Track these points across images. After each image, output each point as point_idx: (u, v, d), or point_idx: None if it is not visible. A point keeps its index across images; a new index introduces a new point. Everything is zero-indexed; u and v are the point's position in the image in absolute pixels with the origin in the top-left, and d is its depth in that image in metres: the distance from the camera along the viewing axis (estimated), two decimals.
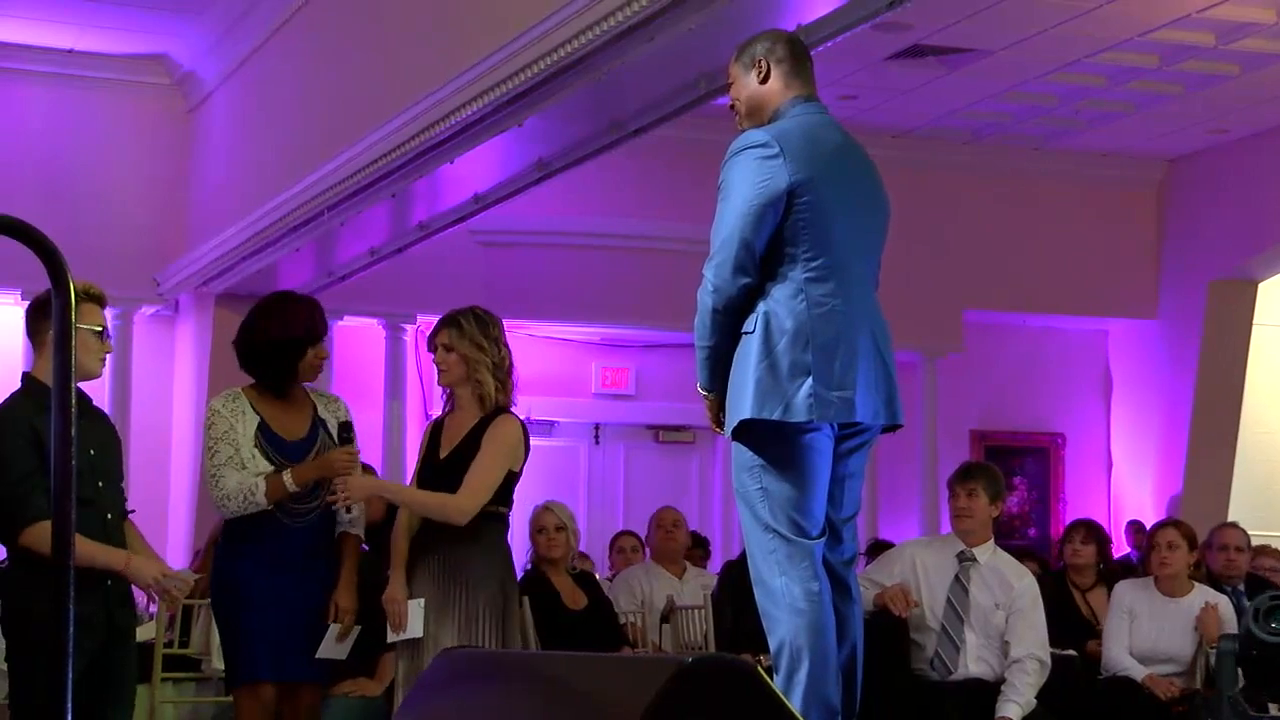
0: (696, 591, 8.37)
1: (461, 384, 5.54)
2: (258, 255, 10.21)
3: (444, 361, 5.54)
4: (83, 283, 5.09)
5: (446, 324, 5.55)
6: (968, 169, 12.69)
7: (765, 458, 4.12)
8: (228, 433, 5.40)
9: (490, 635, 5.35)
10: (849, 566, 4.31)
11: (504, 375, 5.55)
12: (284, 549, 5.37)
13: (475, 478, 5.40)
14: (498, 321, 5.60)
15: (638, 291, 11.87)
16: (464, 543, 5.40)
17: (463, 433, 5.51)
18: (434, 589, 5.40)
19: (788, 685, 4.06)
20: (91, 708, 4.95)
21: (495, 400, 5.51)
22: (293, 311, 5.51)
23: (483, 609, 5.37)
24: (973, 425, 13.34)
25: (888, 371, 4.24)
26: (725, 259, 4.12)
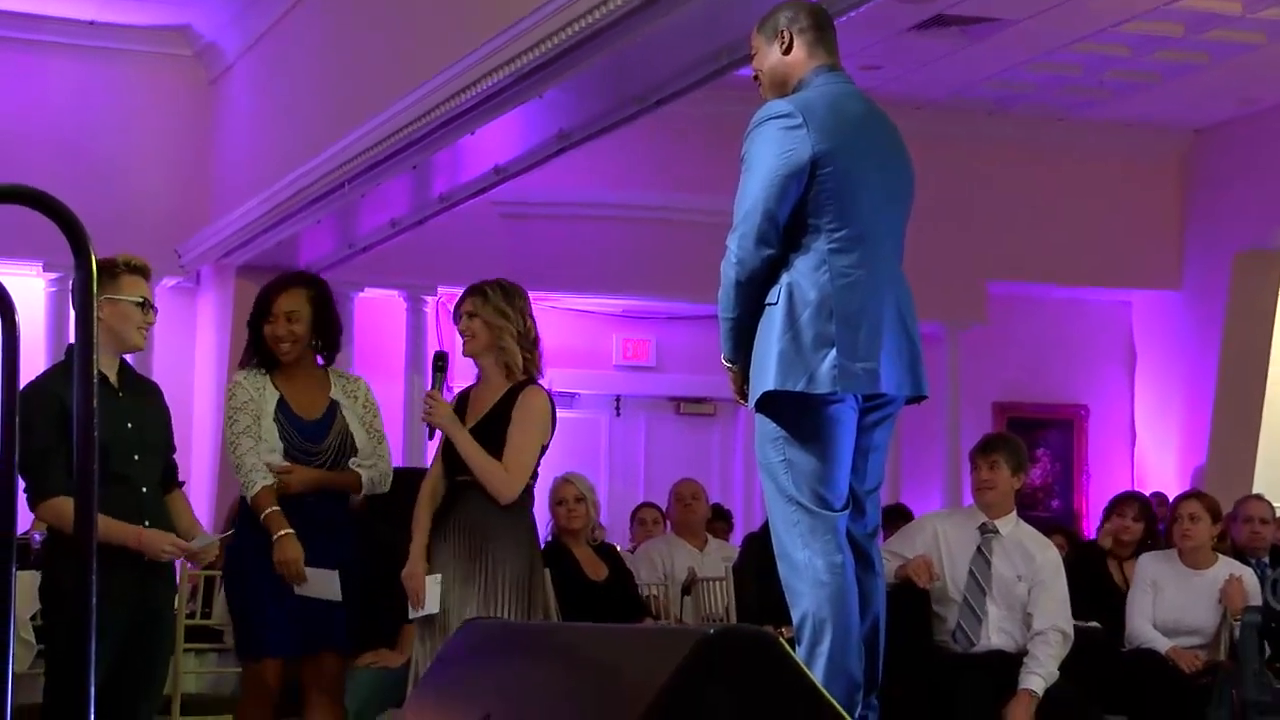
0: (718, 563, 8.38)
1: (486, 353, 5.53)
2: (279, 227, 10.22)
3: (468, 329, 5.53)
4: (124, 255, 5.12)
5: (471, 292, 5.56)
6: (991, 140, 12.64)
7: (788, 429, 4.12)
8: (248, 402, 5.46)
9: (515, 610, 5.34)
10: (872, 539, 4.31)
11: (530, 345, 5.54)
12: (291, 520, 5.38)
13: (515, 457, 5.38)
14: (524, 294, 5.60)
15: (659, 263, 11.86)
16: (490, 516, 5.39)
17: (490, 403, 5.49)
18: (458, 562, 5.39)
19: (810, 657, 4.06)
20: (123, 684, 4.95)
21: (524, 370, 5.50)
22: (260, 290, 5.65)
23: (508, 584, 5.36)
24: (995, 397, 13.31)
25: (912, 342, 4.23)
26: (748, 230, 4.11)
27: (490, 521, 5.39)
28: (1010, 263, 12.79)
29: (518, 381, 5.50)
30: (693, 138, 11.47)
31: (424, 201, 9.60)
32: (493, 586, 5.35)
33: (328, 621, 5.44)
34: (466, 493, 5.45)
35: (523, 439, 5.41)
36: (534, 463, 5.44)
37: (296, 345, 5.53)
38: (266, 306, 5.56)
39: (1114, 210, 12.98)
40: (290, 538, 5.35)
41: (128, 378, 5.23)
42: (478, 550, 5.38)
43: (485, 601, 5.34)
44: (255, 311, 5.62)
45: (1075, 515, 13.25)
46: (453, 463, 5.51)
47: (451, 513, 5.46)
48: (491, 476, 5.38)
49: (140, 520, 5.06)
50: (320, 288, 5.69)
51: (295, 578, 5.36)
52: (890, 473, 10.71)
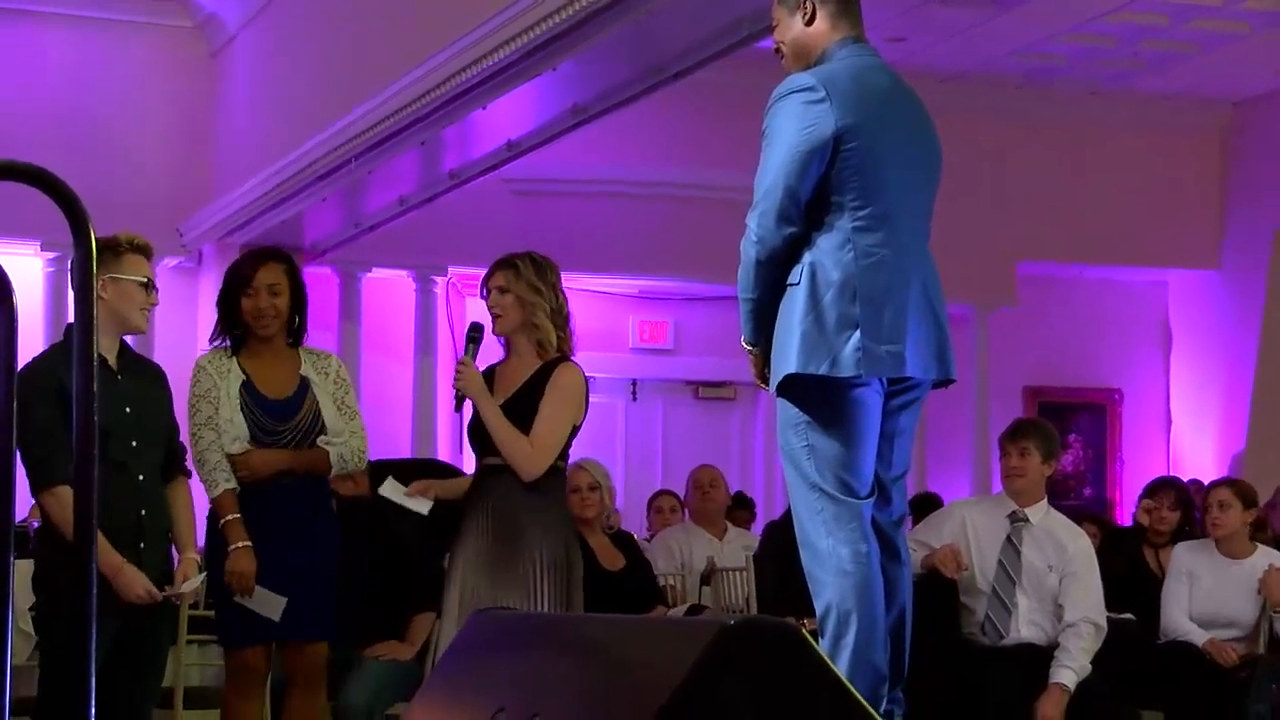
0: (738, 552, 8.38)
1: (519, 331, 5.49)
2: (283, 205, 10.23)
3: (498, 305, 5.47)
4: (127, 233, 5.12)
5: (501, 266, 5.50)
6: (1022, 114, 12.61)
7: (811, 414, 4.12)
8: (209, 391, 5.44)
9: (554, 594, 5.32)
10: (898, 527, 4.31)
11: (563, 322, 5.52)
12: (272, 515, 5.40)
13: (543, 432, 5.34)
14: (555, 268, 5.57)
15: (677, 242, 11.86)
16: (522, 499, 5.35)
17: (520, 380, 5.45)
18: (491, 550, 5.35)
19: (834, 649, 4.06)
20: (120, 675, 4.96)
21: (556, 347, 5.49)
22: (231, 265, 5.65)
23: (545, 568, 5.32)
24: (1026, 381, 13.30)
25: (939, 325, 4.22)
26: (769, 208, 4.11)
27: (523, 505, 5.36)
28: (1041, 242, 12.78)
29: (550, 358, 5.48)
30: (712, 112, 11.46)
31: (433, 178, 9.61)
32: (530, 572, 5.32)
33: (312, 610, 5.46)
34: (495, 476, 5.41)
35: (553, 415, 5.37)
36: (563, 441, 5.41)
37: (278, 319, 5.51)
38: (245, 279, 5.52)
39: (1149, 187, 12.96)
40: (246, 551, 5.35)
41: (128, 360, 5.23)
42: (512, 535, 5.34)
43: (523, 588, 5.30)
44: (230, 285, 5.56)
45: (1108, 504, 13.24)
46: (480, 443, 5.49)
47: (480, 498, 5.42)
48: (516, 451, 5.35)
49: (137, 509, 5.06)
50: (294, 263, 5.69)
51: (243, 590, 5.37)
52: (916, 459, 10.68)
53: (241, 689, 5.51)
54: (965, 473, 12.62)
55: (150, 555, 5.11)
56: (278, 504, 5.42)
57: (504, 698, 3.09)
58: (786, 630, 2.79)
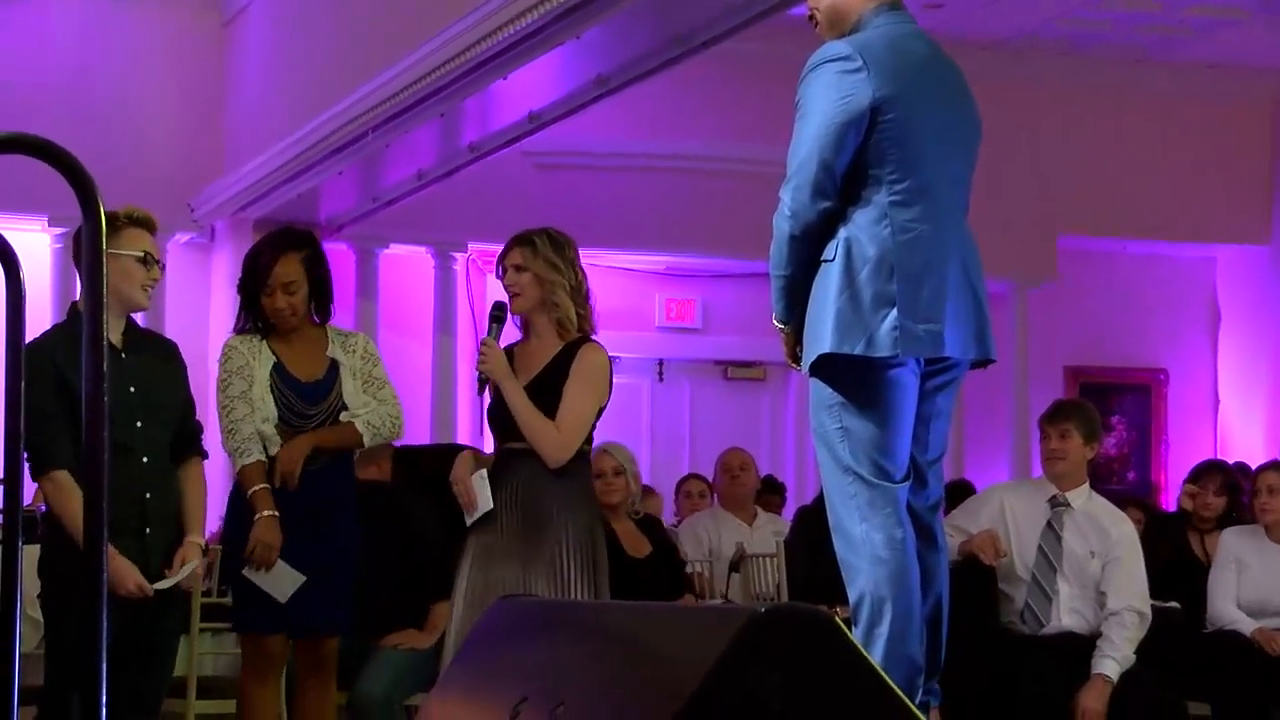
0: (768, 538, 8.39)
1: (538, 310, 5.49)
2: (297, 179, 10.24)
3: (516, 283, 5.47)
4: (126, 207, 5.13)
5: (518, 243, 5.51)
6: (1063, 82, 12.56)
7: (846, 395, 4.12)
8: (243, 368, 5.51)
9: (580, 583, 5.31)
10: (934, 512, 4.31)
11: (583, 299, 5.52)
12: (292, 504, 5.42)
13: (570, 416, 5.35)
14: (573, 244, 5.57)
15: (705, 217, 11.84)
16: (546, 483, 5.36)
17: (543, 361, 5.45)
18: (514, 536, 5.36)
19: (868, 639, 4.07)
20: (128, 665, 4.97)
21: (578, 326, 5.49)
22: (249, 254, 5.69)
23: (571, 552, 5.33)
24: (1067, 360, 13.26)
25: (978, 302, 4.22)
26: (803, 181, 4.10)
27: (547, 489, 5.36)
28: (1084, 216, 12.73)
29: (573, 338, 5.48)
30: (742, 82, 11.43)
31: (453, 151, 9.61)
32: (557, 556, 5.32)
33: (329, 603, 5.49)
34: (517, 461, 5.42)
35: (580, 398, 5.37)
36: (589, 425, 5.42)
37: (296, 315, 5.59)
38: (262, 276, 5.57)
39: (1197, 159, 12.90)
40: (273, 520, 5.39)
41: (135, 337, 5.24)
42: (539, 521, 5.34)
43: (551, 572, 5.30)
44: (248, 278, 5.63)
45: (1153, 488, 13.21)
46: (502, 427, 5.49)
47: (501, 483, 5.43)
48: (543, 436, 5.36)
49: (140, 493, 5.06)
50: (313, 246, 5.72)
51: (264, 562, 5.39)
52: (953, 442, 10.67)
53: (259, 675, 5.54)
54: (1004, 456, 12.59)
55: (156, 541, 5.10)
56: (298, 492, 5.44)
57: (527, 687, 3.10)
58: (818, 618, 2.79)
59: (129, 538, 5.00)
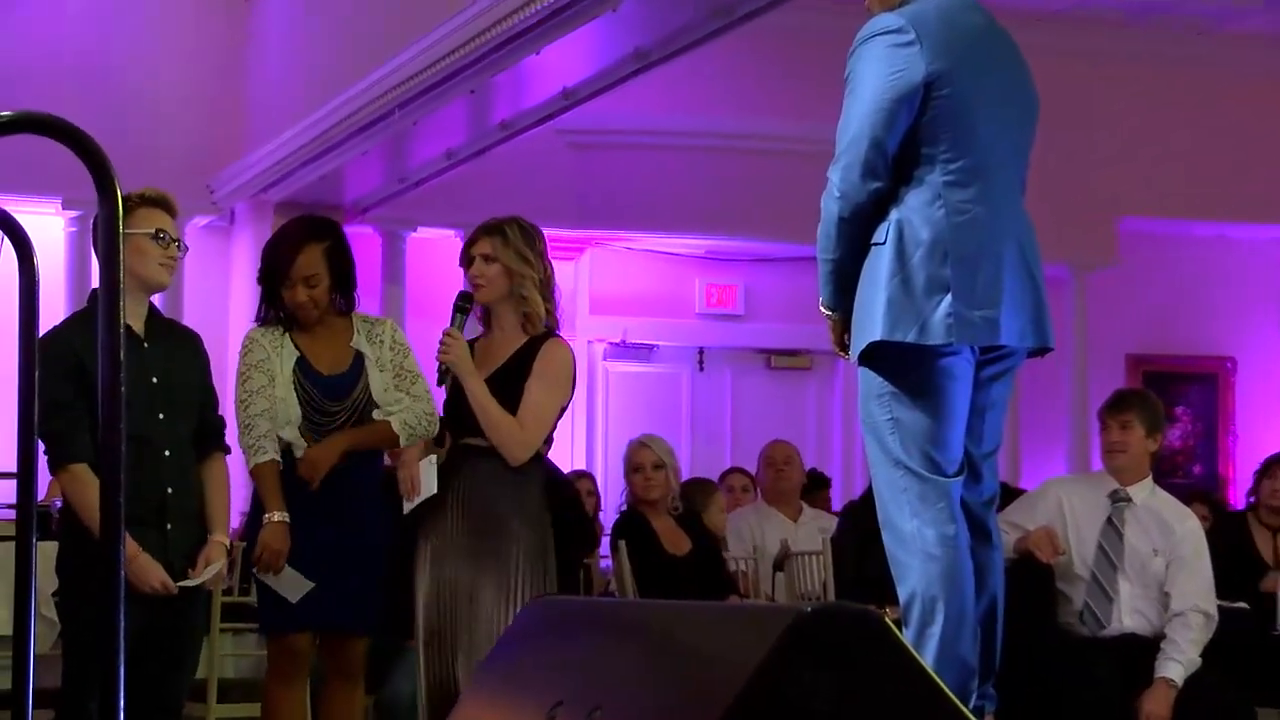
0: (814, 535, 8.39)
1: (503, 301, 5.51)
2: (321, 160, 10.27)
3: (483, 275, 5.49)
4: (139, 190, 5.15)
5: (487, 232, 5.54)
6: (1124, 56, 12.50)
7: (896, 385, 4.12)
8: (263, 362, 5.54)
9: (525, 592, 5.32)
10: (989, 508, 4.31)
11: (549, 294, 5.53)
12: (319, 497, 5.44)
13: (533, 414, 5.36)
14: (541, 235, 5.60)
15: (748, 198, 11.84)
16: (501, 485, 5.38)
17: (504, 355, 5.47)
18: (466, 539, 5.36)
19: (919, 640, 4.07)
20: (148, 666, 4.99)
21: (545, 321, 5.49)
22: (268, 245, 5.72)
23: (524, 563, 5.36)
24: (1129, 348, 13.23)
25: (1036, 288, 4.21)
26: (853, 161, 4.10)
27: (503, 492, 5.38)
28: (1145, 196, 12.68)
29: (538, 333, 5.49)
30: (788, 56, 11.41)
31: (483, 130, 9.62)
32: (508, 566, 5.33)
33: (356, 601, 5.50)
34: (474, 458, 5.44)
35: (543, 394, 5.39)
36: (552, 423, 5.43)
37: (318, 308, 5.61)
38: (282, 269, 5.60)
39: (1264, 135, 12.83)
40: (282, 525, 5.41)
41: (156, 325, 5.25)
42: (490, 525, 5.36)
43: (503, 580, 5.32)
44: (267, 271, 5.66)
45: (1220, 481, 13.17)
46: (458, 421, 5.52)
47: (454, 480, 5.45)
48: (505, 433, 5.38)
49: (162, 487, 5.07)
50: (335, 236, 5.73)
51: (270, 568, 5.42)
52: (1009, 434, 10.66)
53: (285, 677, 5.56)
54: (1062, 449, 12.57)
55: (178, 539, 5.12)
56: (326, 485, 5.46)
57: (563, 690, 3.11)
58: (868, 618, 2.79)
59: (149, 534, 5.02)
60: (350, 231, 6.92)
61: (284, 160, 10.56)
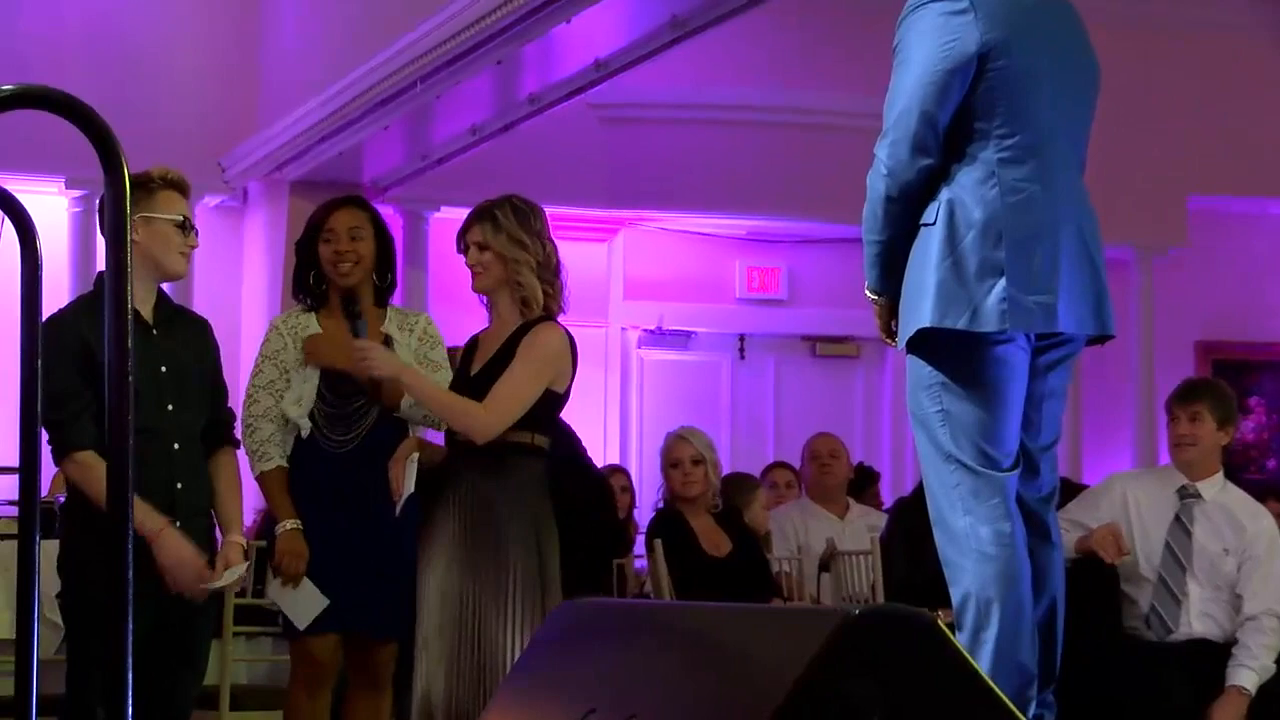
0: (862, 534, 8.39)
1: (500, 288, 5.49)
2: (339, 135, 10.29)
3: (478, 263, 5.49)
4: (160, 167, 5.17)
5: (478, 218, 5.53)
6: (1193, 24, 12.46)
7: (947, 374, 4.12)
8: (278, 353, 5.56)
9: (523, 604, 5.27)
10: (1047, 504, 4.30)
11: (551, 275, 5.48)
12: (335, 482, 5.45)
13: (501, 390, 5.30)
14: (540, 213, 5.56)
15: (792, 176, 11.82)
16: (491, 482, 5.33)
17: (498, 344, 5.45)
18: (456, 541, 5.33)
19: (973, 645, 4.07)
20: (159, 667, 5.01)
21: (544, 306, 5.46)
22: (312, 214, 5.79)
23: (514, 569, 5.29)
24: (1198, 335, 13.19)
25: (1096, 271, 4.21)
26: (902, 136, 4.10)
27: (497, 494, 5.31)
28: (1216, 173, 12.63)
29: (531, 318, 5.44)
30: (834, 24, 11.40)
31: (510, 104, 9.62)
32: (501, 571, 5.26)
33: (387, 604, 5.50)
34: (468, 456, 5.38)
35: (515, 375, 5.31)
36: (526, 400, 5.30)
37: (359, 268, 5.63)
38: (322, 222, 5.64)
39: None
40: (297, 533, 5.41)
41: (167, 312, 5.28)
42: (486, 530, 5.27)
43: (497, 590, 5.26)
44: (307, 233, 5.72)
45: None
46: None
47: (447, 482, 5.41)
48: (461, 416, 5.33)
49: (171, 481, 5.09)
50: (380, 215, 5.85)
51: (290, 576, 5.43)
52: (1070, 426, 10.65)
53: (310, 685, 5.57)
54: (1126, 442, 12.54)
55: (190, 529, 5.12)
56: (352, 475, 5.46)
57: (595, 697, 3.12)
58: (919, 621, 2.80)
59: None
60: None
61: (300, 136, 10.58)
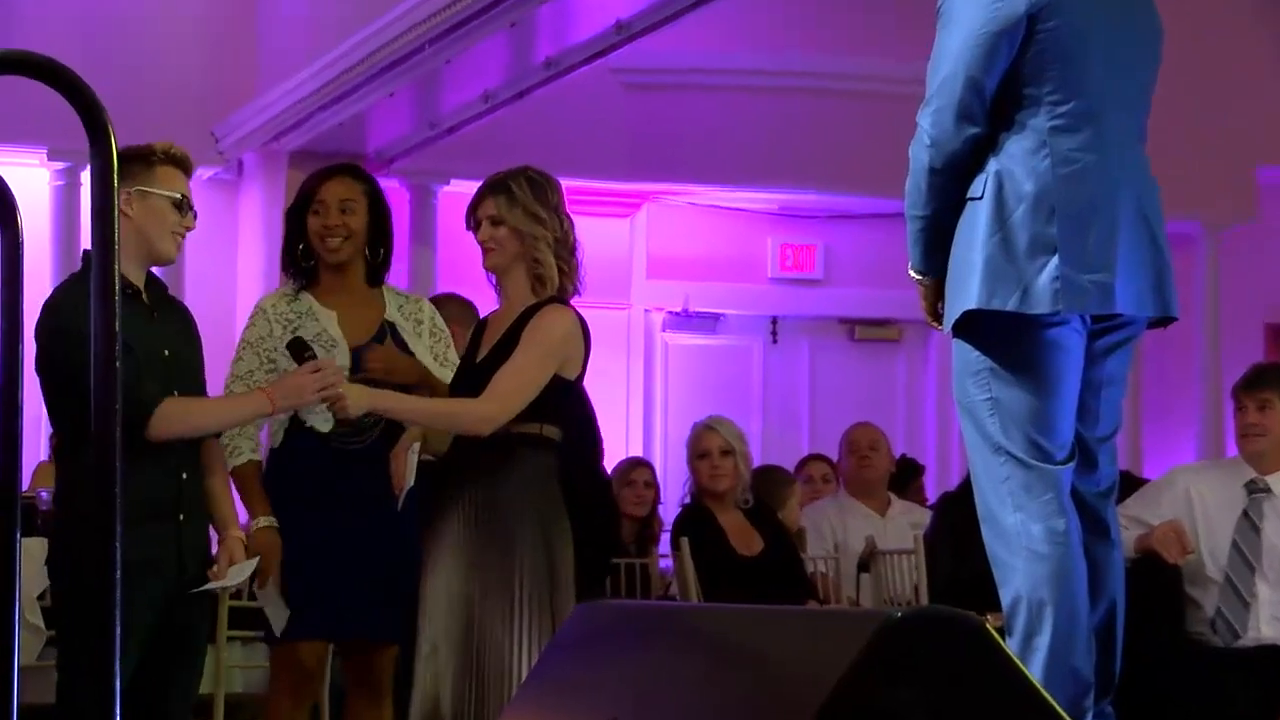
0: (904, 531, 8.39)
1: (513, 267, 5.45)
2: (341, 103, 10.30)
3: (490, 239, 5.44)
4: (162, 142, 5.17)
5: (491, 191, 5.49)
6: None
7: (996, 359, 4.13)
8: (261, 340, 5.56)
9: (532, 606, 5.26)
10: (1105, 499, 4.31)
11: (568, 254, 5.45)
12: (336, 481, 5.46)
13: (503, 378, 5.26)
14: (557, 186, 5.53)
15: (828, 147, 11.82)
16: (498, 477, 5.32)
17: (505, 327, 5.42)
18: (467, 540, 5.33)
19: (1025, 650, 4.08)
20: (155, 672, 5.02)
21: (559, 286, 5.44)
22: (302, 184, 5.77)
23: (521, 569, 5.28)
24: (1268, 316, 13.16)
25: (1156, 248, 4.21)
26: (946, 104, 4.11)
27: (496, 486, 5.30)
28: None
29: (541, 299, 5.40)
30: None
31: (525, 68, 9.63)
32: (506, 574, 5.25)
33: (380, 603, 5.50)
34: (474, 451, 5.36)
35: (520, 362, 5.27)
36: (531, 387, 5.27)
37: (349, 243, 5.60)
38: (310, 195, 5.64)
39: None
40: (272, 530, 5.40)
41: (159, 294, 5.30)
42: (487, 526, 5.29)
43: (506, 601, 5.24)
44: (297, 203, 5.71)
45: None
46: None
47: (455, 477, 5.40)
48: (460, 418, 5.32)
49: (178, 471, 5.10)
50: (377, 185, 5.80)
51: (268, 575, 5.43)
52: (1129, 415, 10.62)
53: (295, 693, 5.57)
54: (1191, 432, 12.53)
55: (190, 532, 5.15)
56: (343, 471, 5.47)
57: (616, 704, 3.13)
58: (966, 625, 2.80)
59: (164, 525, 5.03)
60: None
61: (299, 103, 10.59)
